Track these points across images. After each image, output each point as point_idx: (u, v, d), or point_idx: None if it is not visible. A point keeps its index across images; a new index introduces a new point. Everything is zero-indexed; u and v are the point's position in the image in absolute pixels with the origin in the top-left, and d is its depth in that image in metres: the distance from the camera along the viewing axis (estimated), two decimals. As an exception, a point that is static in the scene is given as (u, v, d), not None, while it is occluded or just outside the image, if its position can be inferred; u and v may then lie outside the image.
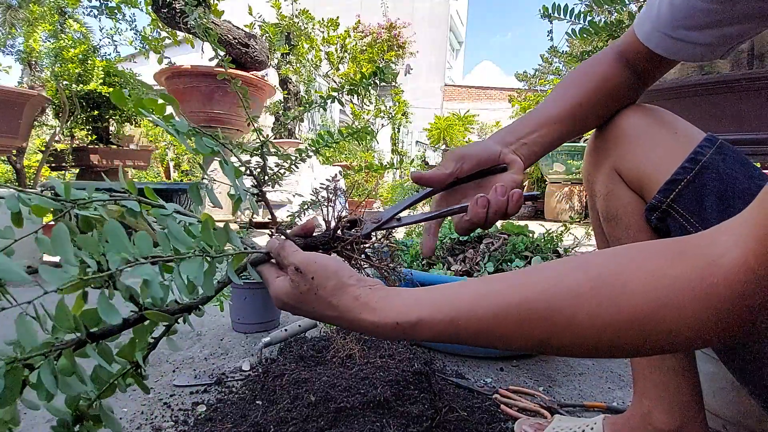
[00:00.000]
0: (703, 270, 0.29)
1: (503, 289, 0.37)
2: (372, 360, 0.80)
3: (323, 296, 0.44)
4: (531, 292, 0.36)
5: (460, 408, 0.79)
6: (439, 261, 1.33)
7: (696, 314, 0.29)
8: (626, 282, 0.32)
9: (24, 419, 0.80)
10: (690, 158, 0.52)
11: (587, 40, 1.69)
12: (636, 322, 0.31)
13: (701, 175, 0.51)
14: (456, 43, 21.29)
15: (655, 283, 0.31)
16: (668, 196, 0.53)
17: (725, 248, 0.29)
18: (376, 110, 6.95)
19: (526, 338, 0.36)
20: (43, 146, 3.79)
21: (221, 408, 0.83)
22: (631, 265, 0.33)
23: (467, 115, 8.89)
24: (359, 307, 0.42)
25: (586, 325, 0.33)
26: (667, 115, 0.59)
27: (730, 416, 0.75)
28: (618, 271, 0.33)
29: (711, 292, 0.29)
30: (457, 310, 0.38)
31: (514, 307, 0.36)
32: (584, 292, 0.33)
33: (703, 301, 0.29)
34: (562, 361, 1.14)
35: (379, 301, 0.42)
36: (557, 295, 0.34)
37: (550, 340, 0.35)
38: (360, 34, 7.46)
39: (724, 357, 0.52)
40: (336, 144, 1.07)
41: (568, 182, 4.75)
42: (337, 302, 0.43)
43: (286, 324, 1.20)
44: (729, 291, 0.28)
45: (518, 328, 0.35)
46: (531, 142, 0.62)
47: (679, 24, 0.54)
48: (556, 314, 0.34)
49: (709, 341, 0.31)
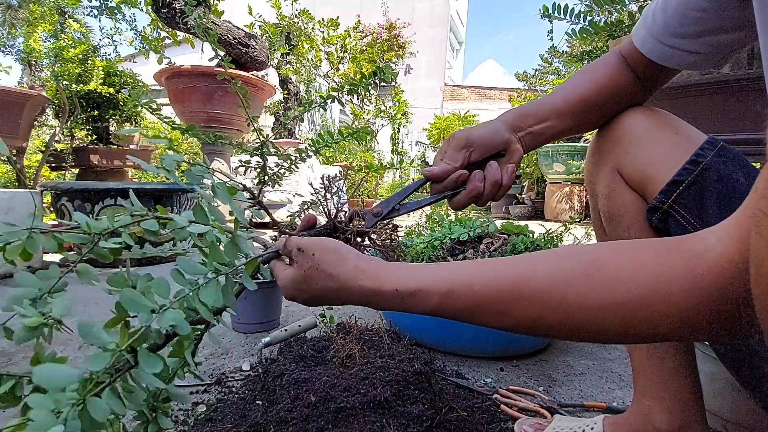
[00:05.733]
0: (690, 262, 0.31)
1: (501, 268, 0.39)
2: (372, 360, 0.80)
3: (325, 269, 0.46)
4: (527, 272, 0.37)
5: (460, 408, 0.79)
6: (439, 261, 1.33)
7: (683, 303, 0.31)
8: (618, 269, 0.34)
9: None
10: (692, 160, 0.53)
11: (587, 40, 1.69)
12: (625, 307, 0.33)
13: (702, 177, 0.52)
14: (456, 43, 21.28)
15: (646, 272, 0.33)
16: (670, 197, 0.53)
17: (712, 245, 0.31)
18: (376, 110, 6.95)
19: (518, 316, 0.37)
20: (43, 146, 3.79)
21: (221, 408, 0.83)
22: (624, 255, 0.35)
23: (467, 115, 8.89)
24: (360, 274, 0.44)
25: (575, 307, 0.35)
26: (668, 117, 0.60)
27: (730, 416, 0.75)
28: (610, 258, 0.35)
29: (697, 282, 0.31)
30: (455, 283, 0.40)
31: (509, 285, 0.38)
32: (576, 276, 0.35)
33: (690, 291, 0.31)
34: (561, 360, 1.14)
35: (379, 270, 0.44)
36: (551, 276, 0.36)
37: (541, 320, 0.36)
38: (360, 34, 7.46)
39: (724, 358, 0.52)
40: (336, 144, 1.07)
41: (568, 182, 4.75)
42: (338, 273, 0.45)
43: (286, 324, 1.20)
44: (713, 282, 0.30)
45: (512, 305, 0.37)
46: (536, 133, 0.64)
47: (672, 31, 0.55)
48: (549, 294, 0.36)
49: (696, 332, 0.32)
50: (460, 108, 10.68)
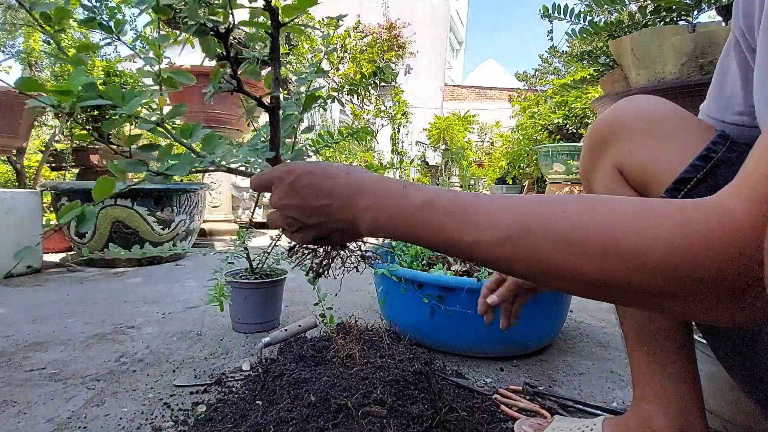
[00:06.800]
0: (718, 216, 0.29)
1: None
2: (372, 360, 0.80)
3: (318, 173, 0.45)
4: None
5: (460, 408, 0.79)
6: (439, 261, 1.33)
7: (708, 256, 0.28)
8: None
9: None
10: (702, 155, 0.47)
11: (587, 40, 1.69)
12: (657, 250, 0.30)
13: (714, 174, 0.46)
14: (456, 43, 21.28)
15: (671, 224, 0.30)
16: (676, 196, 0.48)
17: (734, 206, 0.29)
18: (376, 110, 6.95)
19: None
20: (43, 146, 3.78)
21: (221, 408, 0.83)
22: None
23: (467, 115, 8.88)
24: (356, 168, 0.44)
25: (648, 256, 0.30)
26: (674, 108, 0.55)
27: (730, 416, 0.75)
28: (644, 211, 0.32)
29: (722, 237, 0.28)
30: (437, 192, 0.40)
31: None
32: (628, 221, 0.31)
33: (715, 247, 0.28)
34: (561, 360, 1.14)
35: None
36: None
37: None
38: (360, 34, 7.46)
39: (724, 360, 0.51)
40: (336, 144, 1.07)
41: (568, 182, 4.75)
42: (335, 171, 0.45)
43: (286, 324, 1.20)
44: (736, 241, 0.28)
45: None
46: None
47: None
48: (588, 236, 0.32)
49: (708, 299, 0.30)
50: (460, 108, 10.68)
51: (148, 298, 1.65)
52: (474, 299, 1.05)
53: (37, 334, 1.24)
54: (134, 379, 0.98)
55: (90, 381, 0.97)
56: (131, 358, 1.10)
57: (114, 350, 1.14)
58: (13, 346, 1.15)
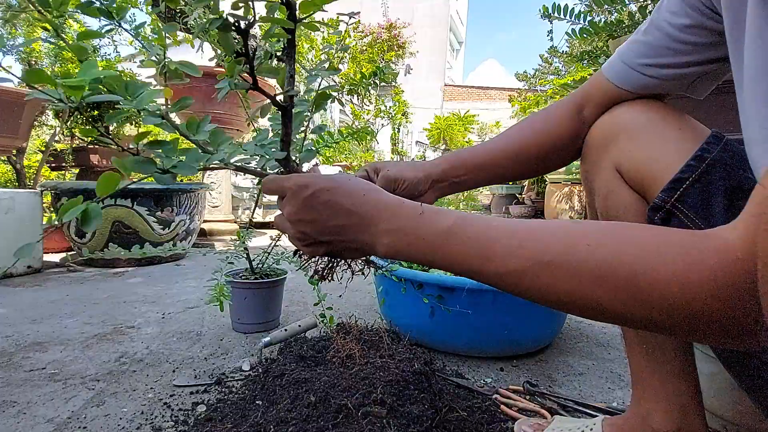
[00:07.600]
0: (717, 248, 0.30)
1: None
2: (372, 360, 0.80)
3: (332, 187, 0.45)
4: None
5: (460, 408, 0.79)
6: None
7: (705, 286, 0.30)
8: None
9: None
10: (696, 155, 0.49)
11: (587, 40, 1.69)
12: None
13: (708, 174, 0.48)
14: (456, 43, 21.29)
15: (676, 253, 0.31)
16: (672, 196, 0.50)
17: (734, 237, 0.30)
18: (376, 110, 6.95)
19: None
20: (43, 146, 3.79)
21: (221, 408, 0.83)
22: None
23: (467, 115, 8.89)
24: (373, 187, 0.45)
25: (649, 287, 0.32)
26: (670, 109, 0.57)
27: (730, 416, 0.75)
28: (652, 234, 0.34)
29: (722, 266, 0.29)
30: (456, 218, 0.40)
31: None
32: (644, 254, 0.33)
33: (714, 276, 0.29)
34: (561, 360, 1.14)
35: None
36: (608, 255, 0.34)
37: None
38: (360, 34, 7.46)
39: (723, 360, 0.51)
40: (336, 144, 1.07)
41: (568, 182, 4.75)
42: (352, 188, 0.45)
43: (286, 324, 1.20)
44: (728, 277, 0.29)
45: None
46: (461, 182, 0.68)
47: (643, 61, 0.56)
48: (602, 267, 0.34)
49: (712, 323, 0.31)
50: (460, 108, 10.67)
51: (148, 298, 1.65)
52: (474, 299, 1.05)
53: (37, 334, 1.24)
54: (134, 379, 0.98)
55: (90, 381, 0.97)
56: (131, 358, 1.10)
57: (114, 350, 1.14)
58: (13, 346, 1.15)
